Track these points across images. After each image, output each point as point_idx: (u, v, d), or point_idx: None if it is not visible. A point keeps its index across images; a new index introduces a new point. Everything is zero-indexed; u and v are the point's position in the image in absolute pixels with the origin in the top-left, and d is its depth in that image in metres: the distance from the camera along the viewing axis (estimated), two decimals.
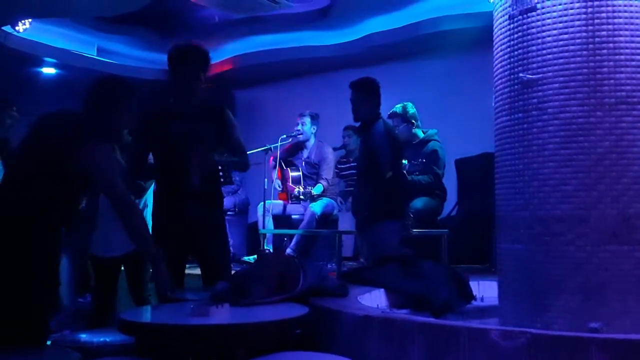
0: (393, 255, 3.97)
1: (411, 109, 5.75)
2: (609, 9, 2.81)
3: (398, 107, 5.76)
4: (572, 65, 2.83)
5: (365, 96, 4.63)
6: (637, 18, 2.81)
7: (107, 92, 3.04)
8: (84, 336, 2.86)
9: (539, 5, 2.93)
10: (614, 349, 2.11)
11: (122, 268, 4.11)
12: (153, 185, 4.36)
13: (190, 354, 2.60)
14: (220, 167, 3.52)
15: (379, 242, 4.42)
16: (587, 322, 2.68)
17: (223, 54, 8.51)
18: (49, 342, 2.89)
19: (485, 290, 4.00)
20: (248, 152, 3.70)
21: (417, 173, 5.58)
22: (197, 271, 3.83)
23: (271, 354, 2.37)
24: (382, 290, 3.69)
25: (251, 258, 6.38)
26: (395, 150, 4.59)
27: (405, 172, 5.15)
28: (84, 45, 8.00)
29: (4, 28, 6.96)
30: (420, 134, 5.78)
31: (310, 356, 2.40)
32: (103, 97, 3.01)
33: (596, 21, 2.81)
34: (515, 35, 3.02)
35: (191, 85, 3.48)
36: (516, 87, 3.00)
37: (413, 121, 5.74)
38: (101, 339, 2.82)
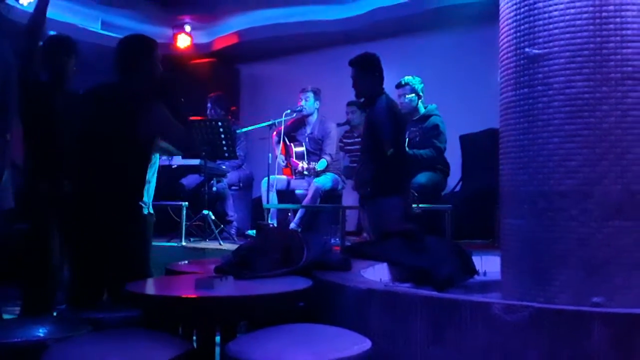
0: (396, 229, 3.98)
1: (420, 84, 5.75)
2: None
3: (408, 78, 5.75)
4: (579, 40, 2.80)
5: (366, 72, 4.58)
6: None
7: (140, 49, 3.33)
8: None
9: None
10: (616, 323, 2.12)
11: None
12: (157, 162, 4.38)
13: (195, 326, 2.63)
14: None
15: (381, 217, 4.43)
16: (590, 297, 2.68)
17: (228, 27, 8.46)
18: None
19: (488, 265, 4.02)
20: (253, 127, 3.79)
21: (417, 139, 5.57)
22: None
23: (274, 325, 2.39)
24: (385, 264, 3.71)
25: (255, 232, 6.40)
26: (397, 126, 4.55)
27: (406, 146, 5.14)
28: (88, 19, 7.95)
29: (7, 1, 6.91)
30: (422, 109, 5.78)
31: (313, 328, 2.42)
32: (140, 56, 3.31)
33: None
34: (522, 10, 2.99)
35: None
36: (522, 62, 2.97)
37: (421, 94, 5.75)
38: (105, 313, 2.84)
